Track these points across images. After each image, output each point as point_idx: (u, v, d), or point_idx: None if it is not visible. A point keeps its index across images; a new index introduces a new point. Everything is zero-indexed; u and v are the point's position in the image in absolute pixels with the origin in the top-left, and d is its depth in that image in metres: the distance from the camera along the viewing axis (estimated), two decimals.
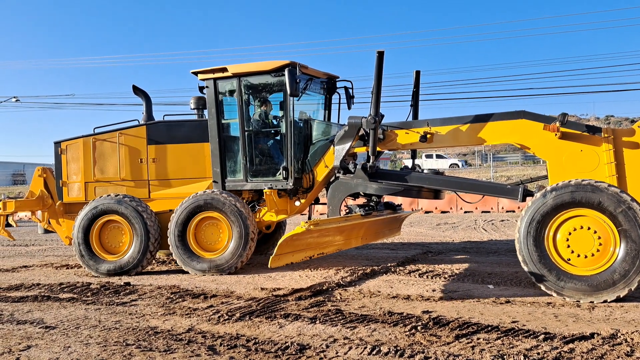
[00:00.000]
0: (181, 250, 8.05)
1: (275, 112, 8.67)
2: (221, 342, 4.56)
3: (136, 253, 8.23)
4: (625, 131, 6.69)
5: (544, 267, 5.77)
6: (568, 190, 5.75)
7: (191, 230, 8.07)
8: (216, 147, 8.38)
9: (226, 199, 7.95)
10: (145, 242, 8.21)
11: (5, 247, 13.64)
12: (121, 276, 8.16)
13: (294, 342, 4.49)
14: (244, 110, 8.19)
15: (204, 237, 8.14)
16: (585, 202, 5.68)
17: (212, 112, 8.36)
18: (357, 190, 7.70)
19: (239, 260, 7.88)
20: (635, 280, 5.46)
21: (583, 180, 5.80)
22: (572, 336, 4.38)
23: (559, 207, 5.79)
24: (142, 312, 5.80)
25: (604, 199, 5.60)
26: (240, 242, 7.87)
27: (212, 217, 8.05)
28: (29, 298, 6.69)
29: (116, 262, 8.31)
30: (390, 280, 7.17)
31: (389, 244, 11.23)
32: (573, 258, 5.77)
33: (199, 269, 7.99)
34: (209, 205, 7.99)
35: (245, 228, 7.86)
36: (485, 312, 5.31)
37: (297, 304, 5.91)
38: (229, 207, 7.90)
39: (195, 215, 8.04)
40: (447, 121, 7.48)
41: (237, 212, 7.88)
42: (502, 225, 14.77)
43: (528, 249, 5.85)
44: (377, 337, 4.56)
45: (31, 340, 4.83)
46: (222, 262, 7.93)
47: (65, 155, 9.22)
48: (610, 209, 5.58)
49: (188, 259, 8.04)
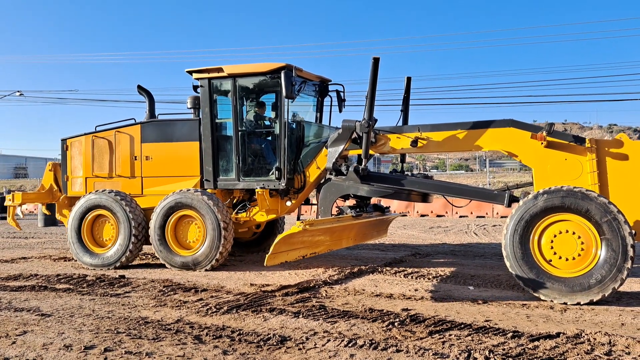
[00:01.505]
0: (161, 247, 8.29)
1: (269, 113, 8.88)
2: (207, 332, 4.81)
3: (120, 247, 8.52)
4: (609, 142, 6.94)
5: (525, 264, 6.03)
6: (559, 195, 5.99)
7: (169, 227, 8.27)
8: (209, 146, 8.55)
9: (193, 195, 8.13)
10: (128, 236, 8.48)
11: (5, 239, 13.91)
12: (103, 270, 8.49)
13: (276, 334, 4.74)
14: (238, 110, 8.38)
15: (183, 234, 8.35)
16: (574, 208, 5.92)
17: (206, 111, 8.54)
18: (349, 192, 7.88)
19: (217, 253, 7.98)
20: (610, 287, 5.71)
21: (575, 187, 6.04)
22: (539, 335, 4.62)
23: (548, 209, 6.03)
24: (135, 303, 6.05)
25: (592, 207, 5.84)
26: (215, 234, 7.98)
27: (189, 215, 8.25)
28: (27, 288, 6.95)
29: (102, 255, 8.67)
30: (375, 279, 7.42)
31: (379, 245, 11.48)
32: (555, 259, 6.02)
33: (178, 265, 8.21)
34: (181, 204, 8.20)
35: (217, 221, 7.95)
36: (462, 311, 5.56)
37: (283, 299, 6.15)
38: (197, 202, 8.06)
39: (173, 214, 8.25)
40: (437, 127, 7.71)
41: (207, 206, 8.01)
42: (494, 230, 15.00)
43: (513, 245, 6.10)
44: (355, 332, 4.81)
45: (27, 326, 5.08)
46: (201, 257, 8.08)
47: (69, 152, 9.67)
48: (596, 218, 5.82)
49: (168, 255, 8.26)
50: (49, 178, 10.16)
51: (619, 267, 5.68)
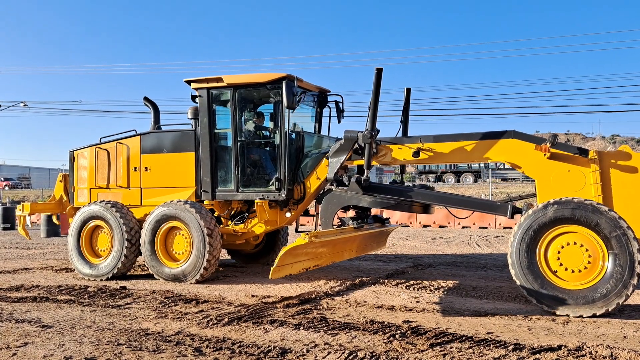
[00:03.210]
0: (153, 263, 8.26)
1: (267, 123, 8.84)
2: (208, 344, 4.80)
3: (114, 257, 8.54)
4: (613, 154, 6.93)
5: (530, 273, 6.01)
6: (569, 206, 5.98)
7: (159, 239, 8.25)
8: (207, 156, 8.48)
9: (176, 206, 8.10)
10: (120, 246, 8.49)
11: (8, 249, 13.93)
12: (97, 280, 8.53)
13: (277, 346, 4.73)
14: (237, 121, 8.33)
15: (172, 246, 8.32)
16: (583, 221, 5.91)
17: (204, 121, 8.50)
18: (351, 202, 7.81)
19: (203, 261, 7.88)
20: (614, 302, 5.69)
21: (585, 200, 6.04)
22: (541, 347, 4.60)
23: (557, 220, 6.02)
24: (136, 314, 6.05)
25: (602, 221, 5.83)
26: (200, 242, 7.90)
27: (177, 227, 8.22)
28: (28, 299, 6.96)
29: (98, 265, 8.69)
30: (377, 291, 7.40)
31: (381, 256, 11.46)
32: (560, 271, 6.00)
33: (166, 277, 8.16)
34: (167, 216, 8.18)
35: (200, 228, 7.88)
36: (463, 323, 5.54)
37: (284, 311, 6.14)
38: (181, 212, 8.03)
39: (162, 226, 8.22)
40: (439, 138, 7.69)
41: (189, 215, 7.97)
42: (496, 241, 14.96)
43: (519, 254, 6.08)
44: (356, 344, 4.79)
45: (28, 337, 5.09)
46: (189, 267, 8.02)
47: (76, 163, 9.81)
48: (605, 232, 5.81)
49: (157, 267, 8.23)
50: (60, 189, 10.36)
51: (624, 283, 5.66)
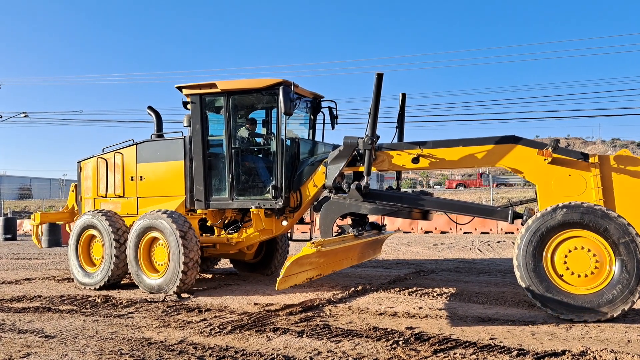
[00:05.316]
0: (134, 269, 8.10)
1: (259, 129, 8.74)
2: (210, 352, 4.79)
3: (105, 266, 8.49)
4: (613, 158, 6.92)
5: (536, 276, 5.98)
6: (579, 210, 5.96)
7: (141, 249, 8.06)
8: (200, 164, 8.31)
9: (153, 215, 7.90)
10: (110, 254, 8.41)
11: (10, 260, 13.92)
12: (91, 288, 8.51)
13: (280, 354, 4.72)
14: (231, 128, 8.19)
15: (155, 257, 8.11)
16: (592, 226, 5.89)
17: (197, 128, 8.33)
18: (351, 210, 7.66)
19: (181, 268, 7.58)
20: (619, 308, 5.67)
21: (595, 205, 6.02)
22: (544, 353, 4.59)
23: (565, 224, 6.00)
24: (138, 324, 6.04)
25: (611, 226, 5.81)
26: (175, 246, 7.63)
27: (157, 238, 8.00)
28: (31, 309, 6.95)
29: (93, 274, 8.67)
30: (380, 297, 7.39)
31: (383, 263, 11.44)
32: (567, 275, 5.98)
33: (147, 287, 7.97)
34: (146, 227, 7.98)
35: (173, 231, 7.64)
36: (466, 329, 5.52)
37: (287, 318, 6.13)
38: (157, 220, 7.82)
39: (144, 236, 8.04)
40: (439, 144, 7.67)
41: (163, 221, 7.77)
42: (498, 247, 14.95)
43: (526, 256, 6.06)
44: (359, 351, 4.78)
45: (31, 348, 5.08)
46: (167, 280, 7.77)
47: (82, 173, 9.88)
48: (614, 238, 5.79)
49: (140, 277, 8.06)
50: (72, 199, 10.46)
51: (631, 289, 5.65)
